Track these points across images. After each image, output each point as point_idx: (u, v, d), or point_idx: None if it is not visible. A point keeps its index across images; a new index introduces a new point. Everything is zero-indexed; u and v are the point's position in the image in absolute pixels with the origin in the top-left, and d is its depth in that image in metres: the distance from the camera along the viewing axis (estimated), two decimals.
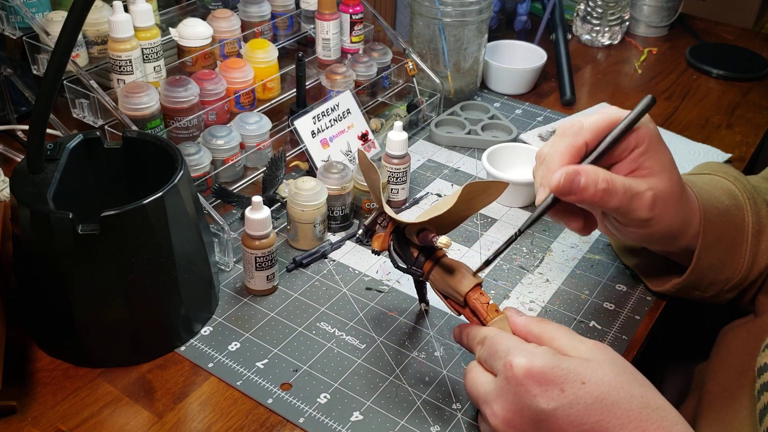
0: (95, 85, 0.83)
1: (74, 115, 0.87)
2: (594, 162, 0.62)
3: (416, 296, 0.76)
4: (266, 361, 0.70)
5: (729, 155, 1.05)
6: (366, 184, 0.87)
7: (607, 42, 1.41)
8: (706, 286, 0.72)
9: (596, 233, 0.89)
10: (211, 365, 0.70)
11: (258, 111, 0.94)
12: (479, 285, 0.62)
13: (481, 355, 0.58)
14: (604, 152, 0.62)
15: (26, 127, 0.87)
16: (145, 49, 0.90)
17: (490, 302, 0.61)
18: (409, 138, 0.95)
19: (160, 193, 0.64)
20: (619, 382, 0.52)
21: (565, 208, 0.65)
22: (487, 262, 0.65)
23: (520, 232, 0.63)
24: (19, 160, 0.96)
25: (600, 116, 0.63)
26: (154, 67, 0.92)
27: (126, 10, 0.88)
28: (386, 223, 0.68)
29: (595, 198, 0.60)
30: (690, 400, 0.77)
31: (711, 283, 0.72)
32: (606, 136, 0.62)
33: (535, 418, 0.53)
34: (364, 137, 0.97)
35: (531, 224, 0.63)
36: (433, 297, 0.71)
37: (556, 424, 0.52)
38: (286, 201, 0.83)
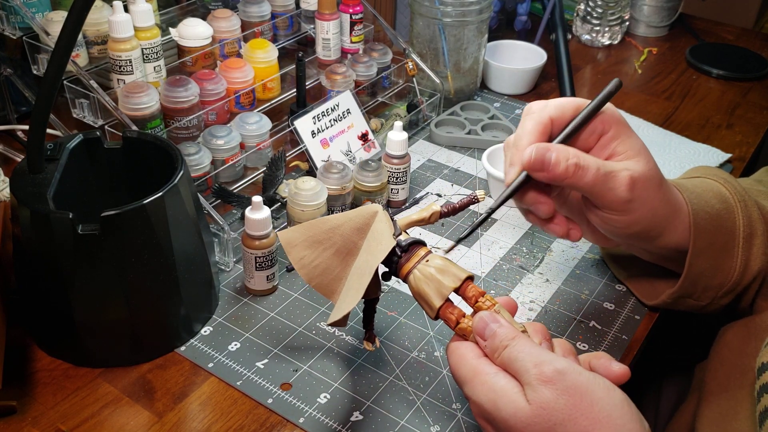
0: (95, 85, 0.83)
1: (74, 115, 0.87)
2: (562, 143, 0.61)
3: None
4: (266, 361, 0.70)
5: (729, 155, 1.05)
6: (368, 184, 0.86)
7: (607, 42, 1.41)
8: (700, 293, 0.71)
9: None
10: (211, 365, 0.70)
11: (258, 111, 0.94)
12: (449, 301, 0.58)
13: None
14: (571, 134, 0.61)
15: (26, 127, 0.87)
16: (145, 49, 0.90)
17: (462, 324, 0.57)
18: (409, 138, 0.95)
19: (160, 193, 0.64)
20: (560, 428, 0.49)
21: (543, 209, 0.63)
22: (459, 241, 0.63)
23: (491, 211, 0.62)
24: (19, 160, 0.96)
25: (564, 98, 0.63)
26: (154, 67, 0.92)
27: (126, 10, 0.88)
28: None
29: (567, 174, 0.59)
30: (690, 399, 0.77)
31: (705, 289, 0.71)
32: (572, 118, 0.62)
33: None
34: (364, 137, 0.97)
35: (501, 204, 0.62)
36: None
37: None
38: (286, 201, 0.83)
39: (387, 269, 0.61)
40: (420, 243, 0.60)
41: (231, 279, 0.80)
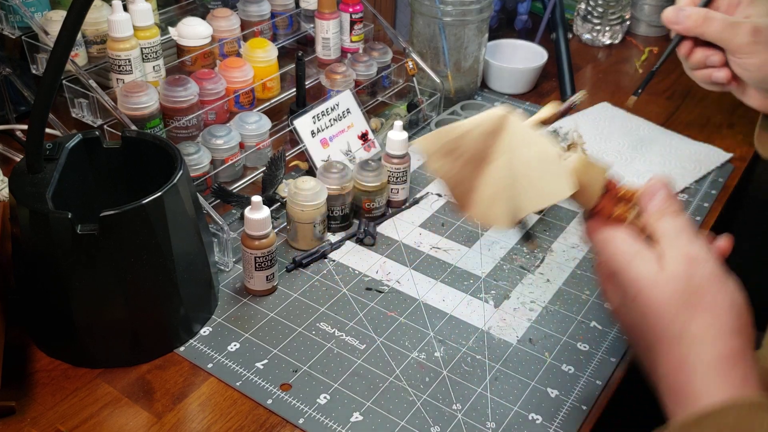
0: (94, 85, 0.83)
1: (73, 115, 0.87)
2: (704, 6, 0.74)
3: (416, 295, 0.75)
4: (266, 361, 0.70)
5: (730, 155, 1.05)
6: (368, 186, 0.86)
7: (608, 41, 1.41)
8: None
9: None
10: (210, 366, 0.69)
11: (257, 110, 0.94)
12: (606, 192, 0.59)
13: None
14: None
15: (25, 126, 0.87)
16: (145, 48, 0.90)
17: (616, 211, 0.59)
18: (410, 138, 0.95)
19: (160, 193, 0.64)
20: (671, 305, 0.53)
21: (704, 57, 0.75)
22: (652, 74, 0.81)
23: (655, 69, 0.81)
24: (18, 159, 0.95)
25: None
26: (154, 67, 0.92)
27: (125, 9, 0.88)
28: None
29: (696, 23, 0.73)
30: None
31: None
32: None
33: (612, 307, 0.59)
34: (364, 137, 0.97)
35: (666, 58, 0.81)
36: None
37: (621, 318, 0.58)
38: (285, 201, 0.83)
39: None
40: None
41: (230, 279, 0.80)
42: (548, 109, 0.63)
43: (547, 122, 0.63)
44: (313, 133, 0.91)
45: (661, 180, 0.58)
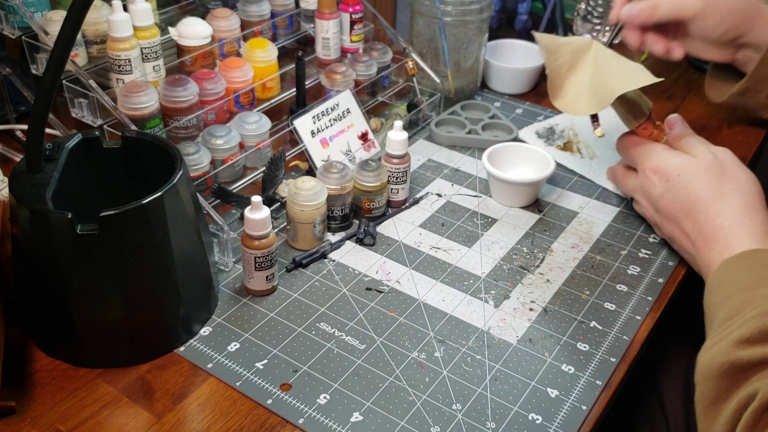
0: (94, 85, 0.83)
1: (73, 115, 0.87)
2: None
3: (416, 295, 0.75)
4: (266, 361, 0.70)
5: None
6: (368, 186, 0.86)
7: (608, 41, 1.41)
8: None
9: (597, 233, 0.89)
10: (210, 366, 0.69)
11: (257, 110, 0.94)
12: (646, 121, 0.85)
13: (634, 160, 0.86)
14: None
15: (25, 126, 0.87)
16: (145, 48, 0.90)
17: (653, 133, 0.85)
18: (409, 138, 0.95)
19: (159, 193, 0.64)
20: (706, 176, 0.76)
21: (653, 40, 0.95)
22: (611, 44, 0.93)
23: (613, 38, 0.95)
24: (18, 159, 0.95)
25: None
26: (154, 67, 0.92)
27: (125, 9, 0.88)
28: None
29: (643, 13, 0.88)
30: None
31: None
32: None
33: (653, 203, 0.82)
34: (364, 137, 0.97)
35: (616, 34, 0.96)
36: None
37: (664, 203, 0.80)
38: (285, 201, 0.83)
39: None
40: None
41: (230, 279, 0.80)
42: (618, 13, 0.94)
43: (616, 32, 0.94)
44: (313, 133, 0.91)
45: (677, 116, 0.83)
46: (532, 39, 1.30)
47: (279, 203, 0.87)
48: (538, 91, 1.23)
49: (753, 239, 0.70)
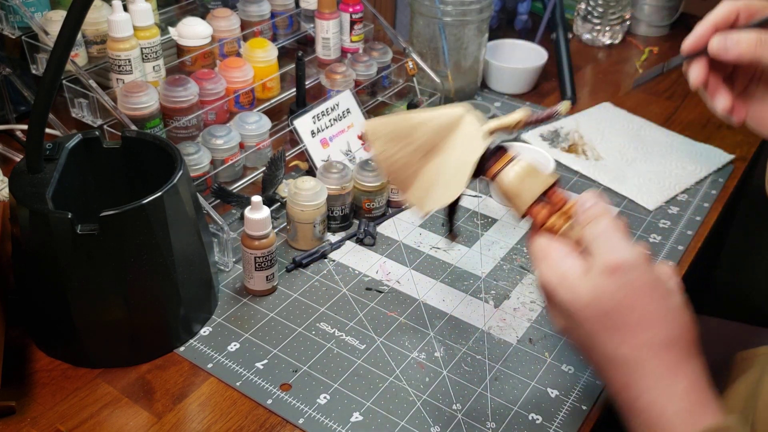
0: (94, 85, 0.83)
1: (73, 115, 0.87)
2: None
3: (416, 295, 0.75)
4: (266, 361, 0.70)
5: (732, 156, 1.05)
6: (383, 184, 0.86)
7: (608, 41, 1.41)
8: None
9: None
10: (210, 366, 0.69)
11: (257, 110, 0.94)
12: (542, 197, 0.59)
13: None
14: (755, 26, 0.64)
15: (25, 126, 0.87)
16: (145, 48, 0.90)
17: (551, 221, 0.59)
18: None
19: (160, 193, 0.64)
20: (600, 326, 0.53)
21: (717, 88, 0.68)
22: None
23: (667, 69, 0.74)
24: (18, 159, 0.95)
25: None
26: (154, 67, 0.92)
27: (125, 9, 0.88)
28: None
29: (750, 47, 0.63)
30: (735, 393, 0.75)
31: None
32: (760, 15, 0.65)
33: (561, 330, 0.58)
34: (364, 137, 0.97)
35: (678, 64, 0.71)
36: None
37: (569, 337, 0.57)
38: (285, 201, 0.83)
39: (475, 169, 0.62)
40: (506, 148, 0.62)
41: (230, 279, 0.80)
42: (518, 114, 0.62)
43: (514, 127, 0.63)
44: (313, 133, 0.91)
45: (594, 192, 0.57)
46: (532, 39, 1.30)
47: (279, 203, 0.87)
48: (538, 91, 1.23)
49: (684, 413, 0.52)
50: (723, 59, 0.65)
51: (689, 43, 0.68)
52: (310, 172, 0.92)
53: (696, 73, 0.69)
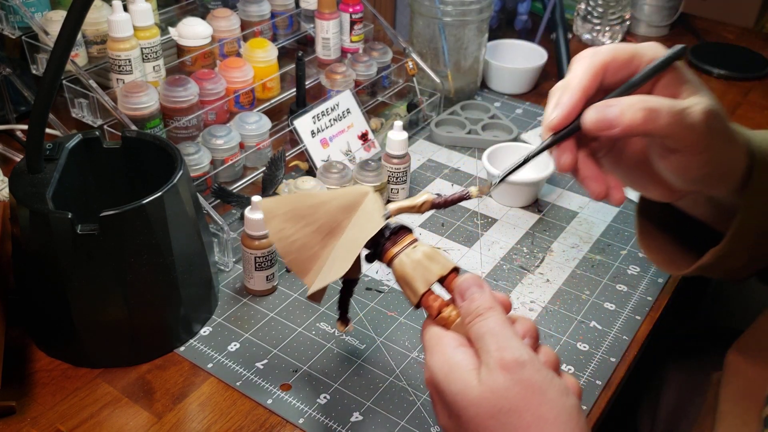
0: (94, 85, 0.83)
1: (73, 115, 0.87)
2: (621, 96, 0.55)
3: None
4: (266, 361, 0.70)
5: None
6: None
7: (608, 41, 1.41)
8: (742, 252, 0.64)
9: (597, 233, 0.89)
10: (210, 366, 0.69)
11: (257, 110, 0.94)
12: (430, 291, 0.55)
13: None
14: (630, 88, 0.55)
15: (25, 126, 0.87)
16: (145, 48, 0.90)
17: (444, 313, 0.54)
18: (409, 138, 0.95)
19: (160, 193, 0.64)
20: (489, 428, 0.49)
21: (589, 170, 0.58)
22: (501, 180, 0.60)
23: (530, 158, 0.57)
24: (18, 159, 0.95)
25: (615, 45, 0.57)
26: (154, 67, 0.92)
27: (125, 9, 0.88)
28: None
29: (636, 121, 0.52)
30: (706, 416, 0.76)
31: (749, 248, 0.64)
32: (626, 64, 0.56)
33: (442, 427, 0.53)
34: (364, 137, 0.97)
35: (544, 150, 0.57)
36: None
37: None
38: None
39: (371, 251, 0.59)
40: (408, 229, 0.58)
41: (230, 279, 0.80)
42: (424, 197, 0.60)
43: (419, 209, 0.60)
44: (313, 133, 0.91)
45: (470, 278, 0.53)
46: (532, 39, 1.30)
47: None
48: (538, 91, 1.23)
49: None
50: (605, 135, 0.54)
51: (557, 117, 0.55)
52: (310, 172, 0.92)
53: (566, 156, 0.57)
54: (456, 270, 0.56)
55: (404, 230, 0.58)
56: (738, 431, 0.66)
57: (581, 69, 0.56)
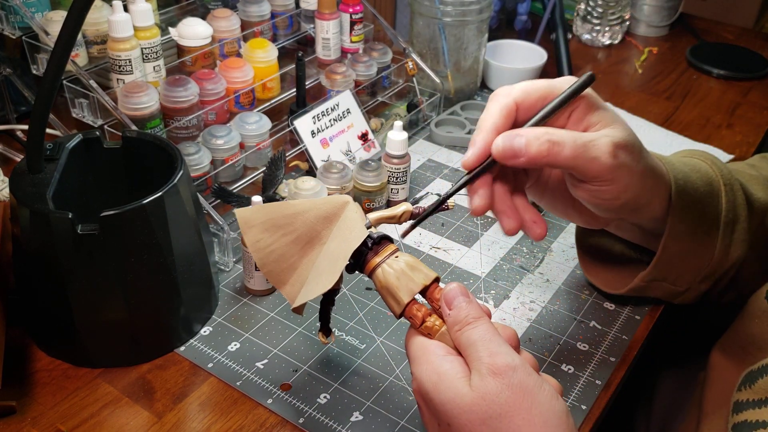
0: (95, 85, 0.83)
1: (74, 115, 0.87)
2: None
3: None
4: (266, 361, 0.70)
5: (732, 156, 1.05)
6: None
7: (608, 42, 1.41)
8: (675, 278, 0.69)
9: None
10: (210, 365, 0.69)
11: (258, 111, 0.94)
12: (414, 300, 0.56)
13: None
14: (538, 122, 0.58)
15: (26, 126, 0.87)
16: (145, 48, 0.90)
17: (427, 322, 0.55)
18: (409, 138, 0.95)
19: (160, 193, 0.64)
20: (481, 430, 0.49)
21: (504, 205, 0.61)
22: (414, 225, 0.61)
23: (448, 196, 0.59)
24: (19, 160, 0.95)
25: (531, 81, 0.60)
26: (154, 67, 0.92)
27: (126, 9, 0.88)
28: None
29: (541, 153, 0.55)
30: (691, 415, 0.76)
31: (681, 272, 0.68)
32: (538, 101, 0.58)
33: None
34: (364, 137, 0.97)
35: (458, 189, 0.59)
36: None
37: None
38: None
39: (352, 262, 0.59)
40: (390, 239, 0.58)
41: (231, 279, 0.80)
42: (403, 207, 0.60)
43: (398, 219, 0.60)
44: (313, 133, 0.92)
45: (456, 287, 0.54)
46: (532, 39, 1.30)
47: None
48: None
49: None
50: (512, 164, 0.56)
51: (470, 156, 0.58)
52: (310, 172, 0.92)
53: (481, 193, 0.59)
54: (437, 280, 0.56)
55: (386, 240, 0.58)
56: (718, 424, 0.66)
57: (494, 108, 0.58)
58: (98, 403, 0.65)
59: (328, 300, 0.63)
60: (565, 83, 0.58)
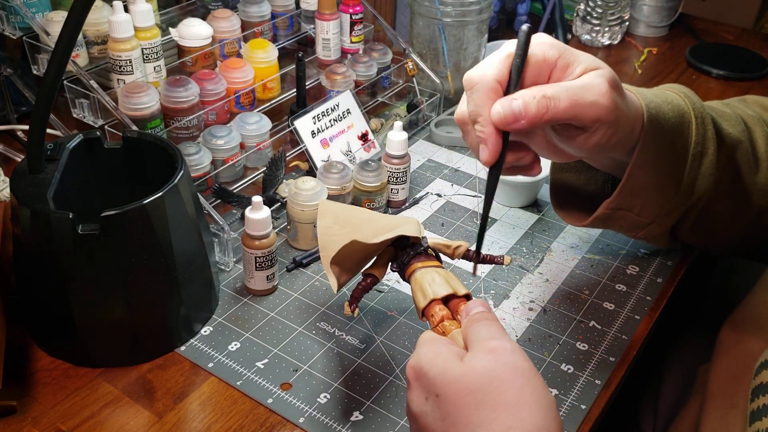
0: (95, 85, 0.83)
1: (74, 115, 0.87)
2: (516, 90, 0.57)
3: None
4: (266, 361, 0.70)
5: None
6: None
7: (607, 42, 1.41)
8: (641, 208, 0.68)
9: (596, 233, 0.89)
10: (211, 365, 0.70)
11: (258, 111, 0.94)
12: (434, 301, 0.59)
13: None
14: (516, 84, 0.57)
15: (26, 127, 0.87)
16: (145, 49, 0.90)
17: (445, 323, 0.57)
18: (409, 138, 0.95)
19: (160, 193, 0.64)
20: (470, 400, 0.48)
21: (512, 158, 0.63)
22: (478, 260, 0.63)
23: (485, 215, 0.61)
24: (19, 160, 0.96)
25: (489, 59, 0.59)
26: (154, 67, 0.92)
27: (126, 10, 0.88)
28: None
29: (540, 110, 0.55)
30: (692, 403, 0.77)
31: (646, 203, 0.68)
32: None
33: (412, 415, 0.53)
34: (364, 137, 0.97)
35: (491, 197, 0.61)
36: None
37: (424, 423, 0.51)
38: (286, 201, 0.83)
39: (398, 261, 0.64)
40: (439, 258, 0.64)
41: (231, 279, 0.80)
42: (459, 243, 0.66)
43: (452, 253, 0.66)
44: (313, 133, 0.92)
45: (481, 300, 0.55)
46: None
47: (279, 203, 0.87)
48: None
49: None
50: (513, 129, 0.56)
51: (488, 155, 0.58)
52: (311, 172, 0.92)
53: (492, 148, 0.58)
54: (468, 297, 0.59)
55: (436, 257, 0.64)
56: (725, 413, 0.66)
57: (482, 99, 0.58)
58: (99, 403, 0.66)
59: (366, 283, 0.65)
60: (511, 45, 0.58)
